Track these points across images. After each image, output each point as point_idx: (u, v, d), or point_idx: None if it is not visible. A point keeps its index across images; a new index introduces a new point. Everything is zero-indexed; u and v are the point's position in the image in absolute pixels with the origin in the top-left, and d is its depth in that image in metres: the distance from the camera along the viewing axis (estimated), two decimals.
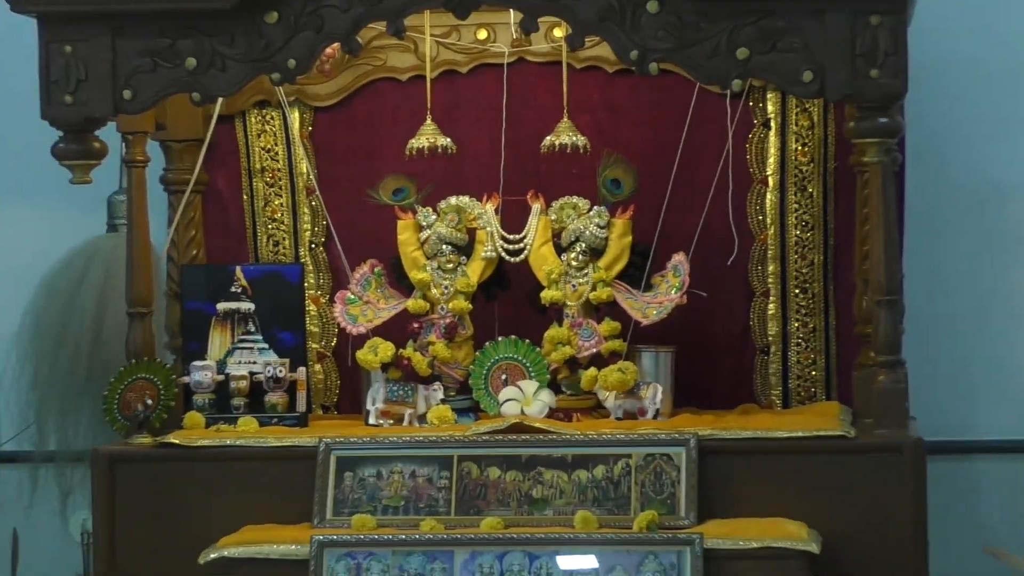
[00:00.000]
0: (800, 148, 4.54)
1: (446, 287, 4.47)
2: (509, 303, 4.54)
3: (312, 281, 4.67)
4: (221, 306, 4.48)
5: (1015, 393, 5.01)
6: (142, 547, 4.23)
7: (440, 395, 4.40)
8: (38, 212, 5.04)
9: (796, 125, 4.54)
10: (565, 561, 3.97)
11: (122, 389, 4.34)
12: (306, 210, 4.71)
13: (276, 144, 4.70)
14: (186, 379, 4.42)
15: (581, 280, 4.44)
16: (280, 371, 4.42)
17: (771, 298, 4.57)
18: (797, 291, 4.56)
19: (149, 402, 4.33)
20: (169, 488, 4.25)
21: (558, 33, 4.42)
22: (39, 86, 4.11)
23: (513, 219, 4.51)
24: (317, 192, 4.67)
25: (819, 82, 3.97)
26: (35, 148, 4.22)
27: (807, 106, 4.52)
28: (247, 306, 4.47)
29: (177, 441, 4.27)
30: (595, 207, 4.46)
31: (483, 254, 4.49)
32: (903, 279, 4.23)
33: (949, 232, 4.96)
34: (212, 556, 4.05)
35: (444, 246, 4.49)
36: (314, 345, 4.65)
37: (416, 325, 4.46)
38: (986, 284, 5.01)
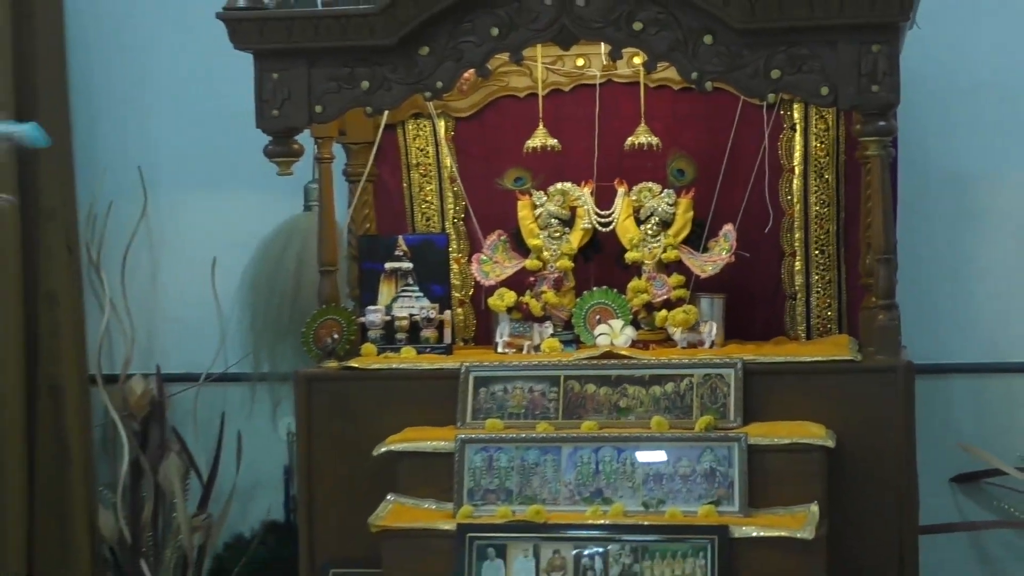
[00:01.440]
0: (819, 145, 4.50)
1: (554, 250, 4.47)
2: (601, 262, 4.52)
3: (455, 247, 4.67)
4: (388, 265, 4.48)
5: (980, 328, 4.98)
6: (331, 444, 4.26)
7: (550, 331, 4.41)
8: (254, 197, 5.07)
9: (816, 128, 4.50)
10: (643, 455, 3.98)
11: (316, 327, 4.36)
12: (450, 194, 4.71)
13: (427, 145, 4.70)
14: (363, 319, 4.44)
15: (655, 245, 4.42)
16: (432, 313, 4.43)
17: (797, 258, 4.54)
18: (817, 252, 4.53)
19: (336, 336, 4.35)
20: (350, 400, 4.27)
21: (637, 60, 4.40)
22: (255, 104, 4.14)
23: (604, 199, 4.50)
24: (458, 181, 4.67)
25: (833, 95, 3.94)
26: (252, 150, 4.23)
27: (824, 113, 4.47)
28: (407, 265, 4.48)
29: (356, 365, 4.30)
30: (665, 190, 4.45)
31: (582, 226, 4.49)
32: (896, 243, 4.19)
33: (930, 207, 4.92)
34: (382, 450, 4.08)
35: (552, 220, 4.48)
36: (456, 294, 4.65)
37: (532, 279, 4.46)
38: (958, 245, 4.97)
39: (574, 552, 3.84)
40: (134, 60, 5.26)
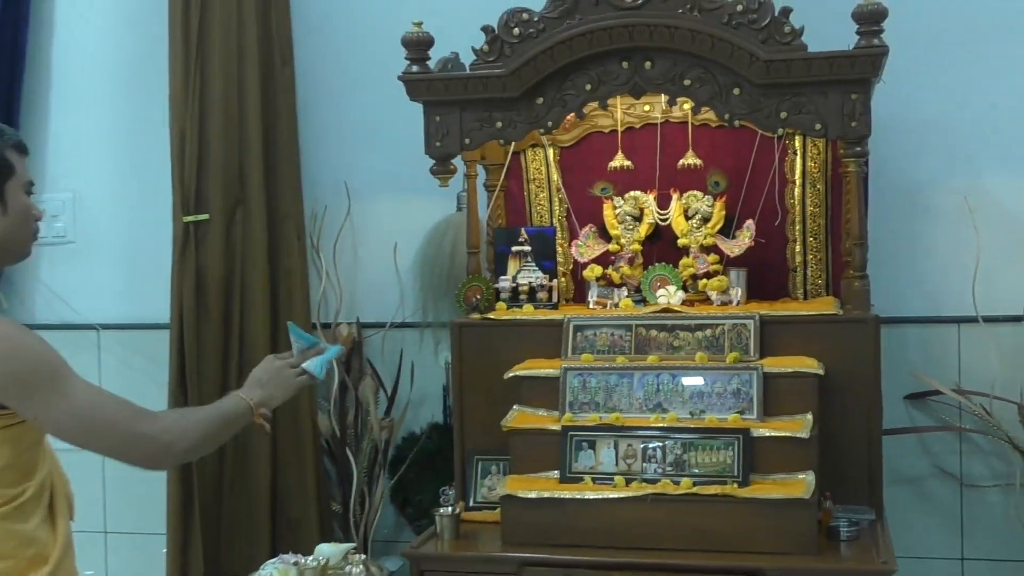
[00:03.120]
0: (813, 164, 4.44)
1: (628, 238, 4.46)
2: (661, 246, 4.50)
3: (560, 236, 4.65)
4: (514, 248, 4.48)
5: (926, 292, 4.87)
6: (476, 370, 4.29)
7: (625, 293, 4.39)
8: (422, 202, 5.07)
9: (811, 152, 4.43)
10: (690, 379, 3.98)
11: (465, 290, 4.39)
12: (556, 200, 4.69)
13: (541, 166, 4.69)
14: (497, 285, 4.45)
15: (698, 234, 4.39)
16: (544, 281, 4.43)
17: (797, 243, 4.48)
18: (811, 239, 4.47)
19: (479, 297, 4.38)
20: (489, 341, 4.29)
21: (686, 106, 4.37)
22: (424, 137, 4.17)
23: (663, 203, 4.47)
24: (562, 191, 4.66)
25: (824, 129, 3.91)
26: (421, 170, 4.27)
27: (817, 142, 4.41)
28: (527, 248, 4.48)
29: (492, 317, 4.33)
30: (706, 196, 4.42)
31: (648, 221, 4.46)
32: (867, 232, 4.15)
33: (891, 206, 4.82)
34: (510, 375, 4.11)
35: (627, 217, 4.47)
36: (560, 268, 4.64)
37: (613, 257, 4.45)
38: (911, 233, 4.86)
39: (642, 446, 3.86)
40: (344, 104, 5.30)
